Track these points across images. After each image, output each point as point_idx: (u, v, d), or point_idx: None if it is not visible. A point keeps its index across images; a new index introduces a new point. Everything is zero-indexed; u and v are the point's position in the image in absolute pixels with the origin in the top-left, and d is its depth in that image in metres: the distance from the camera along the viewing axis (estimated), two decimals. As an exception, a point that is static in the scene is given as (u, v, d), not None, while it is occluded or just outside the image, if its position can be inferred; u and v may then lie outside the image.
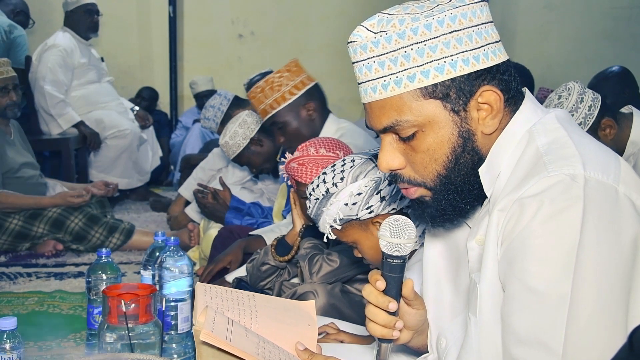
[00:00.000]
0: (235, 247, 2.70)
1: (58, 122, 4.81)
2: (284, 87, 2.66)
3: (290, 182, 2.18)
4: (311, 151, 2.08)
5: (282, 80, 2.66)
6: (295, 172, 2.08)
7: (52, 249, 3.66)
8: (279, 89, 2.65)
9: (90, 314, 1.91)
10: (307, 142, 2.14)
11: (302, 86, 2.68)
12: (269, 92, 2.66)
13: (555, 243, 0.98)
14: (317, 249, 2.14)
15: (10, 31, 4.93)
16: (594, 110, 2.42)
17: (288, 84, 2.66)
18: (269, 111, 2.69)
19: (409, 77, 1.08)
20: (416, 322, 1.26)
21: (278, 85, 2.66)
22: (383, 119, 1.12)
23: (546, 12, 6.33)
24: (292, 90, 2.66)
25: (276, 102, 2.66)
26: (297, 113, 2.68)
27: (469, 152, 1.11)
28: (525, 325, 1.00)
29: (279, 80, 2.67)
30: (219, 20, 6.99)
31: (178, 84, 6.88)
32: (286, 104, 2.66)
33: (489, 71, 1.10)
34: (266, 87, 2.67)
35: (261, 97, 2.68)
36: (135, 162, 5.17)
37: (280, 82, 2.66)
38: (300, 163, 2.08)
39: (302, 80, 2.69)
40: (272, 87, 2.66)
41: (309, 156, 2.06)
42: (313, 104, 2.69)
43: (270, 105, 2.66)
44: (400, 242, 1.13)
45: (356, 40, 1.11)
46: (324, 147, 2.07)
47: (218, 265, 2.64)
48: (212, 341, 1.20)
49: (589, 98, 2.43)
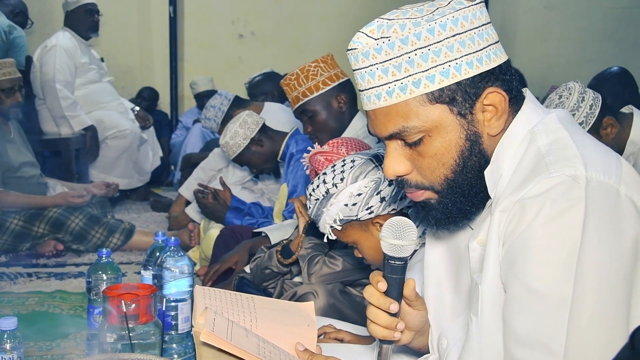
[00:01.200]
0: (241, 248, 2.71)
1: (70, 123, 4.81)
2: (318, 76, 2.66)
3: (310, 172, 2.17)
4: (342, 151, 2.06)
5: (318, 70, 2.67)
6: (320, 166, 2.07)
7: (53, 249, 3.66)
8: (313, 78, 2.65)
9: (91, 314, 1.91)
10: (340, 140, 2.11)
11: (337, 79, 2.68)
12: (303, 80, 2.66)
13: (557, 244, 0.98)
14: (318, 249, 2.14)
15: (9, 32, 4.92)
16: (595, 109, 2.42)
17: (323, 74, 2.67)
18: (302, 98, 2.68)
19: (414, 82, 1.07)
20: (417, 322, 1.26)
21: (313, 74, 2.66)
22: (389, 125, 1.11)
23: (546, 12, 6.34)
24: (325, 81, 2.66)
25: (309, 90, 2.66)
26: (328, 103, 2.68)
27: (476, 155, 1.11)
28: (526, 326, 1.00)
29: (314, 69, 2.67)
30: (219, 20, 6.99)
31: (178, 84, 6.88)
32: (319, 93, 2.66)
33: (492, 72, 1.10)
34: (301, 75, 2.67)
35: (295, 84, 2.68)
36: (136, 163, 5.17)
37: (316, 71, 2.67)
38: (327, 159, 2.06)
39: (336, 73, 2.69)
40: (307, 76, 2.66)
41: (338, 154, 2.05)
42: (344, 97, 2.69)
43: (303, 92, 2.67)
44: (402, 243, 1.13)
45: (357, 47, 1.10)
46: (355, 151, 2.06)
47: (223, 266, 2.65)
48: (213, 341, 1.20)
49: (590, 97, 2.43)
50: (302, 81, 2.66)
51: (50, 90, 4.75)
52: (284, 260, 2.23)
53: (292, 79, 2.69)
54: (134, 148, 5.11)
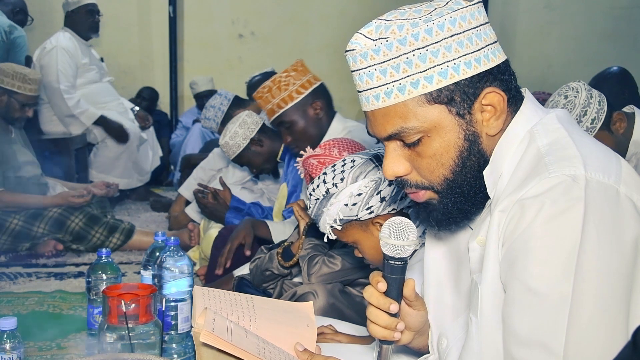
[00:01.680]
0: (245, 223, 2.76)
1: (81, 120, 4.85)
2: (291, 86, 2.65)
3: (304, 177, 2.17)
4: (334, 152, 2.05)
5: (289, 80, 2.66)
6: (314, 169, 2.07)
7: (53, 249, 3.66)
8: (286, 88, 2.64)
9: (91, 314, 1.91)
10: (332, 141, 2.11)
11: (309, 85, 2.67)
12: (276, 92, 2.65)
13: (556, 244, 0.98)
14: (317, 250, 2.14)
15: (10, 32, 4.92)
16: (603, 106, 2.42)
17: (295, 83, 2.65)
18: (277, 110, 2.67)
19: (412, 83, 1.07)
20: (417, 323, 1.26)
21: (285, 84, 2.65)
22: (387, 126, 1.11)
23: (546, 12, 6.34)
24: (299, 89, 2.65)
25: (283, 101, 2.65)
26: (304, 112, 2.67)
27: (475, 155, 1.11)
28: (526, 326, 1.00)
29: (285, 79, 2.66)
30: (219, 20, 6.99)
31: (178, 84, 6.88)
32: (293, 103, 2.65)
33: (491, 72, 1.10)
34: (273, 87, 2.66)
35: (268, 96, 2.67)
36: (135, 162, 5.18)
37: (287, 81, 2.66)
38: (320, 162, 2.06)
39: (308, 80, 2.68)
40: (279, 87, 2.65)
41: (331, 156, 2.05)
42: (320, 103, 2.68)
43: (277, 104, 2.65)
44: (402, 243, 1.13)
45: (355, 48, 1.10)
46: (347, 151, 2.06)
47: (234, 243, 2.68)
48: (213, 341, 1.20)
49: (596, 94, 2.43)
50: (275, 92, 2.65)
51: (54, 92, 4.77)
52: (284, 262, 2.23)
53: (265, 92, 2.67)
54: (134, 148, 5.11)
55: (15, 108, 3.79)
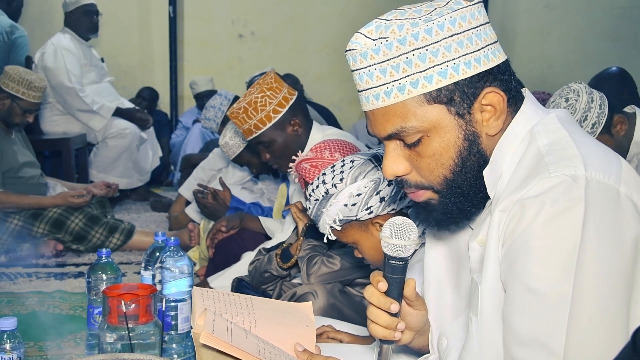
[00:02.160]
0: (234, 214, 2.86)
1: (101, 114, 4.90)
2: (267, 105, 2.54)
3: (299, 181, 2.16)
4: (326, 154, 2.05)
5: (265, 99, 2.54)
6: (307, 173, 2.07)
7: (53, 249, 3.66)
8: (263, 109, 2.53)
9: (91, 314, 1.91)
10: (322, 144, 2.10)
11: (286, 102, 2.56)
12: (252, 113, 2.54)
13: (557, 244, 0.98)
14: (316, 250, 2.14)
15: (11, 32, 4.93)
16: (604, 109, 2.42)
17: (271, 102, 2.54)
18: (254, 131, 2.57)
19: (412, 83, 1.07)
20: (418, 322, 1.26)
21: (262, 105, 2.54)
22: (387, 126, 1.11)
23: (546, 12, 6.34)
24: (276, 109, 2.54)
25: (261, 122, 2.55)
26: (282, 130, 2.57)
27: (474, 155, 1.11)
28: (526, 326, 1.00)
29: (262, 99, 2.54)
30: (219, 20, 6.99)
31: (178, 84, 6.88)
32: (271, 124, 2.55)
33: (491, 72, 1.10)
34: (249, 108, 2.54)
35: (244, 117, 2.56)
36: (135, 162, 5.18)
37: (264, 101, 2.54)
38: (313, 165, 2.06)
39: (284, 96, 2.57)
40: (255, 108, 2.54)
41: (322, 159, 2.04)
42: (298, 120, 2.59)
43: (254, 125, 2.55)
44: (402, 243, 1.13)
45: (355, 48, 1.10)
46: (339, 152, 2.05)
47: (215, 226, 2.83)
48: (213, 343, 1.20)
49: (597, 97, 2.43)
50: (252, 114, 2.54)
51: (69, 92, 4.78)
52: (283, 264, 2.24)
53: (240, 112, 2.56)
54: (134, 148, 5.11)
55: (17, 113, 3.79)
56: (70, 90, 4.77)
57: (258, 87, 2.55)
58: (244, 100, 2.56)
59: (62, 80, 4.76)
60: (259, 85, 2.56)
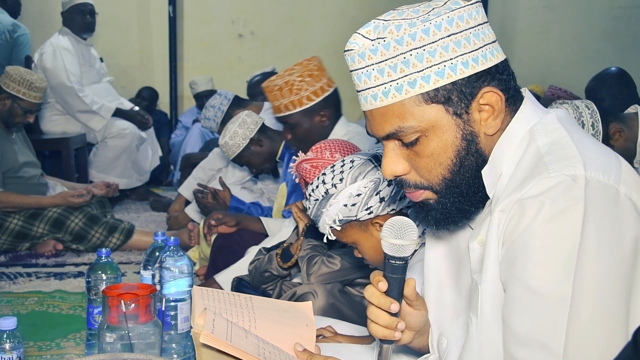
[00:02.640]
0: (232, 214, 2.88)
1: (101, 115, 4.90)
2: (303, 91, 2.58)
3: (299, 181, 2.16)
4: (326, 154, 2.05)
5: (302, 85, 2.58)
6: (307, 174, 2.07)
7: (52, 249, 3.66)
8: (297, 93, 2.57)
9: (90, 314, 1.91)
10: (322, 144, 2.10)
11: (322, 93, 2.60)
12: (286, 93, 2.58)
13: (556, 244, 0.98)
14: (316, 250, 2.14)
15: (13, 30, 4.93)
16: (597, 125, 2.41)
17: (308, 89, 2.58)
18: (283, 110, 2.62)
19: (410, 83, 1.08)
20: (418, 322, 1.26)
21: (297, 89, 2.58)
22: (385, 126, 1.11)
23: (546, 12, 6.34)
24: (310, 96, 2.58)
25: (292, 104, 2.59)
26: (310, 118, 2.62)
27: (472, 155, 1.11)
28: (526, 326, 1.00)
29: (299, 84, 2.58)
30: (219, 20, 6.99)
31: (178, 84, 6.89)
32: (302, 109, 2.60)
33: (489, 72, 1.09)
34: (285, 88, 2.58)
35: (277, 94, 2.60)
36: (135, 162, 5.18)
37: (301, 86, 2.58)
38: (313, 165, 2.06)
39: (321, 86, 2.60)
40: (290, 89, 2.58)
41: (323, 159, 2.04)
42: (328, 112, 2.62)
43: (285, 105, 2.59)
44: (402, 243, 1.13)
45: (353, 48, 1.10)
46: (339, 152, 2.05)
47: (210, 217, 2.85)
48: (213, 342, 1.20)
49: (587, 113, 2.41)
50: (285, 94, 2.58)
51: (68, 92, 4.79)
52: (283, 263, 2.24)
53: (275, 89, 2.60)
54: (133, 148, 5.12)
55: (18, 114, 3.80)
56: (70, 90, 4.77)
57: (300, 70, 2.59)
58: (283, 77, 2.59)
59: (61, 81, 4.76)
60: (301, 67, 2.59)
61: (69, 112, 4.88)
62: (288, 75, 2.59)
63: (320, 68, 2.64)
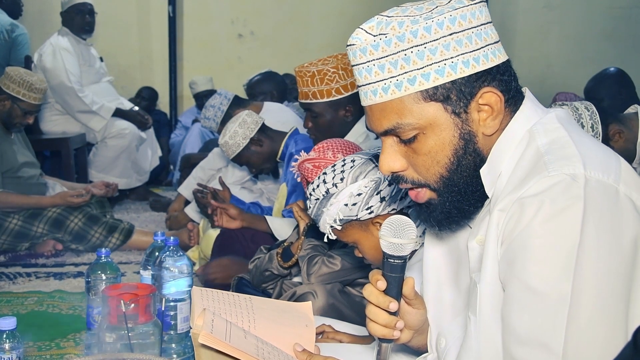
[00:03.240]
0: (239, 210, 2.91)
1: (100, 115, 4.90)
2: (334, 83, 2.57)
3: (301, 180, 2.16)
4: (329, 154, 2.05)
5: (335, 77, 2.58)
6: (309, 174, 2.07)
7: (52, 249, 3.66)
8: (328, 83, 2.57)
9: (90, 314, 1.91)
10: (325, 144, 2.10)
11: (351, 88, 2.60)
12: (318, 82, 2.57)
13: (556, 243, 0.98)
14: (317, 250, 2.14)
15: (12, 30, 4.93)
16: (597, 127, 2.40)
17: (339, 81, 2.58)
18: (310, 98, 2.61)
19: (410, 80, 1.08)
20: (416, 321, 1.26)
21: (330, 79, 2.57)
22: (384, 121, 1.12)
23: (546, 12, 6.33)
24: (339, 89, 2.58)
25: (320, 93, 2.59)
26: (335, 110, 2.62)
27: (470, 154, 1.11)
28: (525, 325, 1.00)
29: (332, 75, 2.57)
30: (219, 20, 6.99)
31: (178, 83, 6.88)
32: (329, 100, 2.60)
33: (489, 72, 1.09)
34: (317, 76, 2.57)
35: (308, 81, 2.59)
36: (134, 162, 5.18)
37: (333, 77, 2.57)
38: (315, 165, 2.06)
39: (352, 82, 2.59)
40: (322, 78, 2.57)
41: (325, 159, 2.04)
42: (353, 109, 2.62)
43: (313, 93, 2.59)
44: (401, 242, 1.13)
45: (355, 43, 1.11)
46: (341, 152, 2.05)
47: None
48: (211, 343, 1.20)
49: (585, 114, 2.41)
50: (316, 82, 2.58)
51: (68, 92, 4.78)
52: (284, 263, 2.23)
53: (307, 75, 2.60)
54: (133, 148, 5.12)
55: (18, 114, 3.80)
56: (70, 90, 4.77)
57: (335, 62, 2.58)
58: (317, 65, 2.58)
59: (61, 81, 4.76)
60: (337, 60, 2.58)
61: (68, 112, 4.88)
62: (322, 64, 2.59)
63: None
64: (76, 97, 4.79)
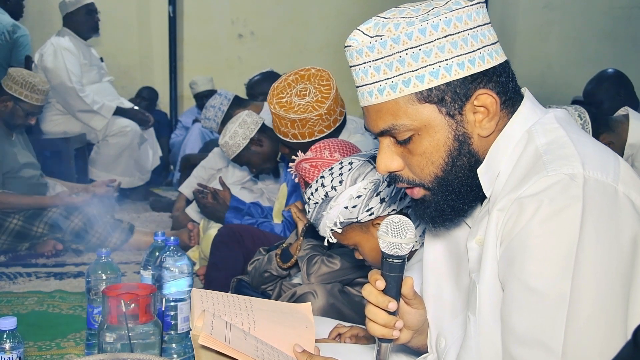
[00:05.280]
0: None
1: (102, 114, 4.91)
2: (316, 126, 2.49)
3: (299, 181, 2.16)
4: (325, 154, 2.05)
5: (318, 121, 2.47)
6: (307, 174, 2.07)
7: (52, 249, 3.66)
8: (311, 129, 2.48)
9: (90, 314, 1.91)
10: (322, 144, 2.09)
11: (333, 125, 2.52)
12: (298, 127, 2.48)
13: (555, 242, 0.98)
14: (316, 250, 2.14)
15: (13, 31, 4.93)
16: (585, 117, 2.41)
17: (322, 124, 2.50)
18: (290, 138, 2.52)
19: (404, 81, 1.08)
20: (416, 321, 1.26)
21: (312, 125, 2.48)
22: (380, 122, 1.13)
23: (546, 12, 6.33)
24: (322, 130, 2.50)
25: (302, 135, 2.50)
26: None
27: (465, 155, 1.11)
28: (524, 325, 1.00)
29: (314, 121, 2.47)
30: (219, 20, 6.99)
31: (178, 84, 6.88)
32: (310, 140, 2.49)
33: (485, 74, 1.09)
34: (298, 122, 2.47)
35: (289, 124, 2.48)
36: (137, 161, 5.18)
37: (316, 122, 2.47)
38: (312, 165, 2.06)
39: (335, 118, 2.52)
40: (304, 125, 2.48)
41: (322, 159, 2.04)
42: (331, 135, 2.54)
43: (293, 134, 2.50)
44: (400, 241, 1.13)
45: (352, 44, 1.12)
46: (338, 152, 2.05)
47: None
48: (211, 344, 1.20)
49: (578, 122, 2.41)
50: (297, 127, 2.47)
51: (69, 92, 4.79)
52: (283, 264, 2.24)
53: (288, 121, 2.48)
54: (135, 145, 5.12)
55: (19, 115, 3.81)
56: (71, 90, 4.78)
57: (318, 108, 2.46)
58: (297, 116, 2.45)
59: (62, 81, 4.76)
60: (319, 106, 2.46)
61: (69, 112, 4.88)
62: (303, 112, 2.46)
63: (336, 101, 2.53)
64: (77, 97, 4.79)
